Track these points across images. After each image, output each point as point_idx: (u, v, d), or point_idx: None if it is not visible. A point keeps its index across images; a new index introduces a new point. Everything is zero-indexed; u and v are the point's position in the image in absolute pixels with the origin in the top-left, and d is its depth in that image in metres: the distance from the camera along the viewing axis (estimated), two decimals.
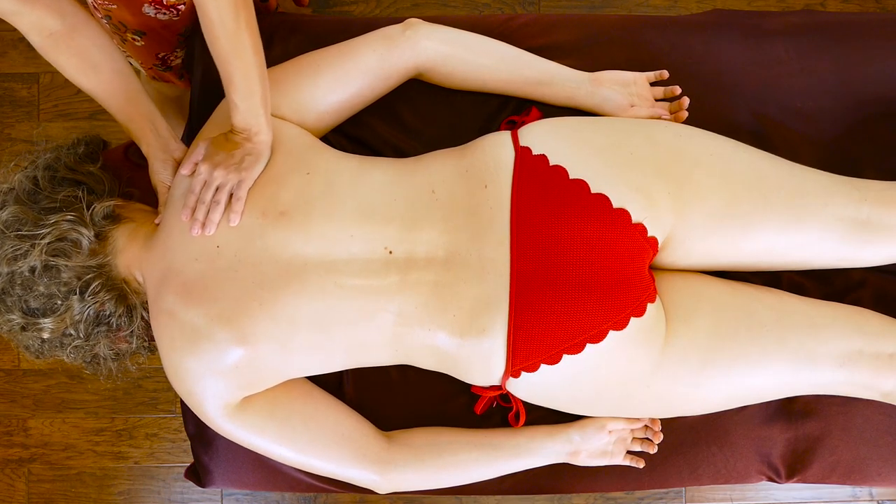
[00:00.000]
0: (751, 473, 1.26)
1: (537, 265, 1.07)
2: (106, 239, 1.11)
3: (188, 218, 1.09)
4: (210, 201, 1.09)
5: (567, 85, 1.24)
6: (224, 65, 1.03)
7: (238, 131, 1.09)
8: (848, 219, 1.13)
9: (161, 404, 1.96)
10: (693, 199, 1.10)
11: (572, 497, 1.93)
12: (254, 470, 1.28)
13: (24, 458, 1.98)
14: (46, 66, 1.97)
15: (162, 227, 1.12)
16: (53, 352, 1.13)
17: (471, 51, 1.23)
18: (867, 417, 1.24)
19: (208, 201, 1.09)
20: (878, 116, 1.28)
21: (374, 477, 1.18)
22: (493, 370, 1.11)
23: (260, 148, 1.10)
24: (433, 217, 1.10)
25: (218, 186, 1.09)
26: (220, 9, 0.98)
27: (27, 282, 1.07)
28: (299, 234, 1.08)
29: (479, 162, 1.12)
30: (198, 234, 1.08)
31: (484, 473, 1.21)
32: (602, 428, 1.22)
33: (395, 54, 1.21)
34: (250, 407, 1.13)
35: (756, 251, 1.14)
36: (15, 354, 1.96)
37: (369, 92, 1.23)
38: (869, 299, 1.24)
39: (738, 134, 1.26)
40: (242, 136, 1.09)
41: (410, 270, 1.09)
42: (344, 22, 1.33)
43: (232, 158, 1.09)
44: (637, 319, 1.07)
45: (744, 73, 1.29)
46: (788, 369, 1.11)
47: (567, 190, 1.08)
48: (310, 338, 1.09)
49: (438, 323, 1.09)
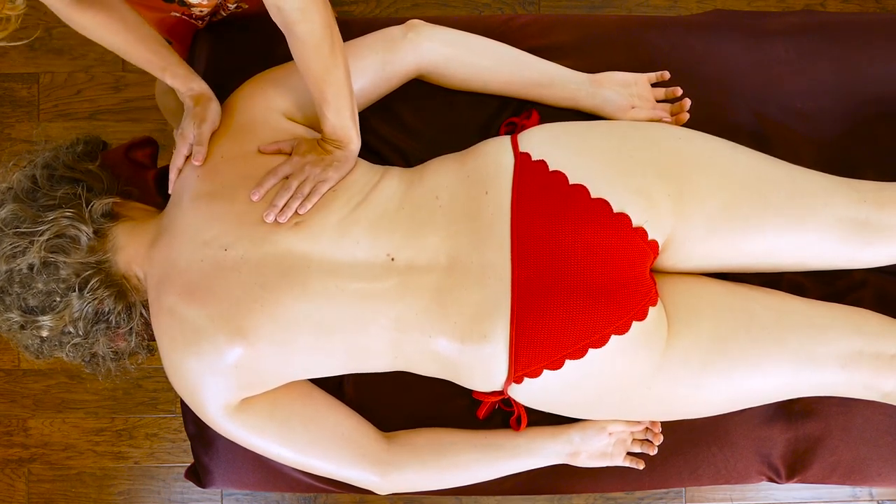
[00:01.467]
0: (751, 474, 1.26)
1: (538, 271, 1.07)
2: (105, 236, 1.11)
3: (259, 198, 1.10)
4: (295, 191, 1.11)
5: (568, 86, 1.24)
6: (317, 83, 1.08)
7: (330, 140, 1.15)
8: (847, 220, 1.13)
9: (161, 404, 1.96)
10: (693, 201, 1.10)
11: (572, 497, 1.93)
12: (254, 470, 1.28)
13: (24, 458, 1.98)
14: (46, 66, 1.98)
15: (167, 227, 1.12)
16: (52, 351, 1.13)
17: (472, 52, 1.23)
18: (867, 418, 1.24)
19: (293, 189, 1.11)
20: (878, 116, 1.28)
21: (375, 478, 1.18)
22: (495, 376, 1.11)
23: (350, 156, 1.15)
24: (436, 223, 1.10)
25: (305, 180, 1.11)
26: (314, 35, 1.02)
27: (26, 279, 1.07)
28: (308, 240, 1.09)
29: (480, 168, 1.12)
30: (271, 220, 1.09)
31: (484, 474, 1.21)
32: (602, 430, 1.22)
33: (397, 56, 1.21)
34: (250, 407, 1.13)
35: (756, 252, 1.14)
36: (15, 354, 1.96)
37: (371, 92, 1.23)
38: (869, 300, 1.24)
39: (738, 134, 1.26)
40: (335, 144, 1.15)
41: (412, 276, 1.09)
42: (344, 22, 1.33)
43: (322, 161, 1.13)
44: (639, 323, 1.07)
45: (744, 74, 1.29)
46: (789, 370, 1.11)
47: (567, 195, 1.08)
48: (311, 340, 1.09)
49: (439, 329, 1.08)
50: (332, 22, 1.05)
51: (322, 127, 1.14)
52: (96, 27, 1.12)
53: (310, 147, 1.15)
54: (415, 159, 1.27)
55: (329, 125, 1.13)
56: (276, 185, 1.11)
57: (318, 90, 1.09)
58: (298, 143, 1.16)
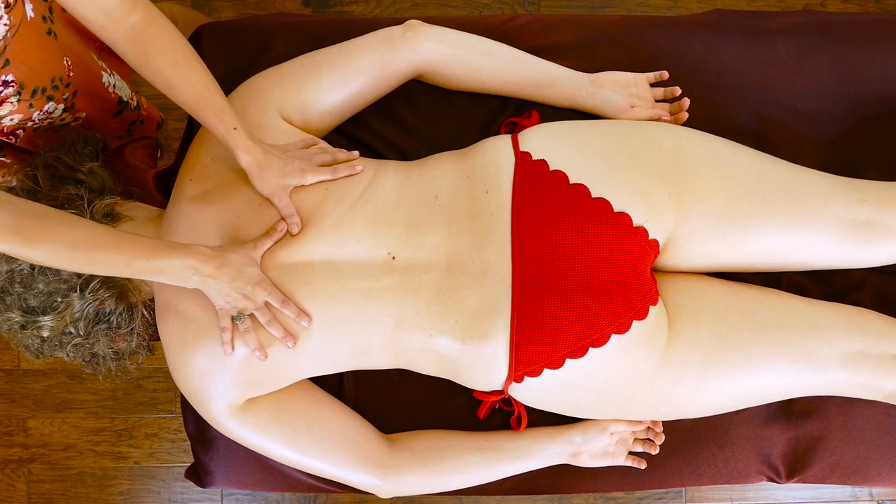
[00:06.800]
0: (751, 473, 1.26)
1: (539, 270, 1.07)
2: None
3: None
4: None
5: (567, 86, 1.24)
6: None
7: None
8: (848, 219, 1.13)
9: (161, 404, 1.96)
10: (693, 200, 1.10)
11: (572, 497, 1.93)
12: (254, 470, 1.28)
13: (24, 458, 1.98)
14: None
15: (168, 228, 1.12)
16: (53, 351, 1.13)
17: (471, 52, 1.23)
18: (867, 418, 1.24)
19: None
20: (878, 116, 1.28)
21: (376, 481, 1.18)
22: (496, 375, 1.11)
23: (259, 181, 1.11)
24: (436, 222, 1.10)
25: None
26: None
27: (27, 279, 1.07)
28: (309, 242, 1.09)
29: (481, 167, 1.12)
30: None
31: (486, 476, 1.21)
32: (604, 429, 1.22)
33: (396, 56, 1.21)
34: (254, 408, 1.14)
35: (756, 252, 1.14)
36: (15, 354, 1.96)
37: (370, 92, 1.23)
38: (870, 300, 1.24)
39: (739, 134, 1.26)
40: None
41: (413, 275, 1.09)
42: (344, 22, 1.33)
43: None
44: (639, 322, 1.07)
45: (744, 74, 1.29)
46: (791, 370, 1.11)
47: (567, 195, 1.08)
48: (317, 339, 1.10)
49: (440, 328, 1.09)
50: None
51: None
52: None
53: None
54: (414, 159, 1.27)
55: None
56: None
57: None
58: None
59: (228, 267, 1.02)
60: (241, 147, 1.05)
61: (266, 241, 1.08)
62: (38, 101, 1.11)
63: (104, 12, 0.97)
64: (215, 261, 1.01)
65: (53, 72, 1.12)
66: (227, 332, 1.07)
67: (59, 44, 1.13)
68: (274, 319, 1.07)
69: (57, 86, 1.13)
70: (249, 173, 1.07)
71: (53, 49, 1.11)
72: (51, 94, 1.13)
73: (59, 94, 1.15)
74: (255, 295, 1.05)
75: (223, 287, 1.03)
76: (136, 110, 1.38)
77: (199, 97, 1.03)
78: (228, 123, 1.04)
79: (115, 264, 0.96)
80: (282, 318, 1.08)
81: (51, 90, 1.12)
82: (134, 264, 0.97)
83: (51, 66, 1.11)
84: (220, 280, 1.02)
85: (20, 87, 1.06)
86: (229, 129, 1.04)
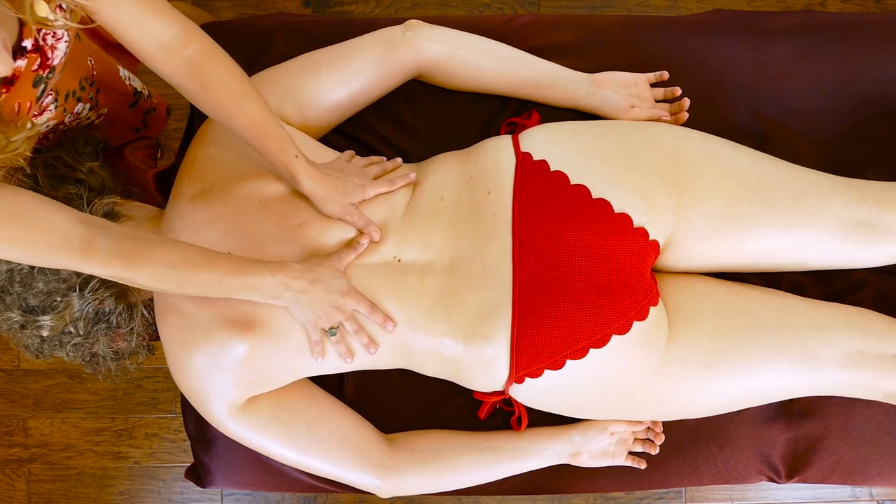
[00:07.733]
0: (751, 473, 1.26)
1: (539, 271, 1.07)
2: None
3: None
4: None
5: (567, 86, 1.24)
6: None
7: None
8: (848, 219, 1.13)
9: (161, 404, 1.96)
10: (693, 201, 1.10)
11: (572, 497, 1.93)
12: (254, 470, 1.28)
13: (24, 458, 1.98)
14: None
15: (167, 227, 1.13)
16: (52, 350, 1.13)
17: (471, 52, 1.23)
18: (867, 418, 1.24)
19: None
20: (878, 116, 1.28)
21: (376, 481, 1.18)
22: (497, 376, 1.11)
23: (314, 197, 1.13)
24: (441, 224, 1.10)
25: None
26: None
27: (26, 279, 1.07)
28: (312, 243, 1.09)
29: (482, 168, 1.13)
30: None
31: (486, 476, 1.21)
32: (604, 429, 1.22)
33: (396, 55, 1.21)
34: (255, 408, 1.14)
35: (756, 252, 1.14)
36: (15, 354, 1.96)
37: (370, 92, 1.23)
38: (870, 300, 1.24)
39: (739, 134, 1.26)
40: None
41: (416, 277, 1.09)
42: (344, 22, 1.34)
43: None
44: (640, 323, 1.07)
45: (744, 74, 1.29)
46: (791, 370, 1.11)
47: (568, 196, 1.09)
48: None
49: (443, 329, 1.09)
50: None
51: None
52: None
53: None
54: (414, 159, 1.27)
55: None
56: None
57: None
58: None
59: (321, 281, 1.04)
60: (304, 174, 1.07)
61: (350, 253, 1.09)
62: (69, 104, 1.12)
63: (161, 46, 0.97)
64: (308, 275, 1.03)
65: (81, 73, 1.13)
66: (318, 346, 1.09)
67: (83, 44, 1.14)
68: (361, 328, 1.09)
69: (84, 86, 1.14)
70: (314, 198, 1.09)
71: (80, 50, 1.12)
72: (79, 95, 1.14)
73: (86, 94, 1.16)
74: (346, 305, 1.07)
75: (315, 301, 1.04)
76: (148, 99, 1.40)
77: (258, 127, 1.04)
78: (290, 152, 1.06)
79: (210, 283, 0.98)
80: (367, 326, 1.10)
81: (79, 91, 1.13)
82: (227, 282, 0.99)
83: (79, 68, 1.12)
84: (313, 294, 1.03)
85: (56, 94, 1.07)
86: (290, 157, 1.06)
